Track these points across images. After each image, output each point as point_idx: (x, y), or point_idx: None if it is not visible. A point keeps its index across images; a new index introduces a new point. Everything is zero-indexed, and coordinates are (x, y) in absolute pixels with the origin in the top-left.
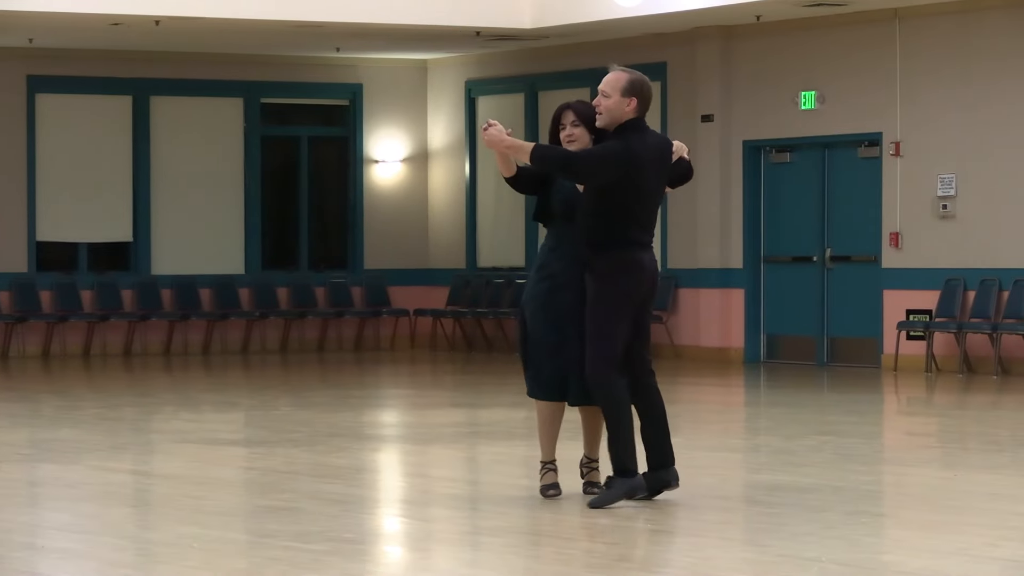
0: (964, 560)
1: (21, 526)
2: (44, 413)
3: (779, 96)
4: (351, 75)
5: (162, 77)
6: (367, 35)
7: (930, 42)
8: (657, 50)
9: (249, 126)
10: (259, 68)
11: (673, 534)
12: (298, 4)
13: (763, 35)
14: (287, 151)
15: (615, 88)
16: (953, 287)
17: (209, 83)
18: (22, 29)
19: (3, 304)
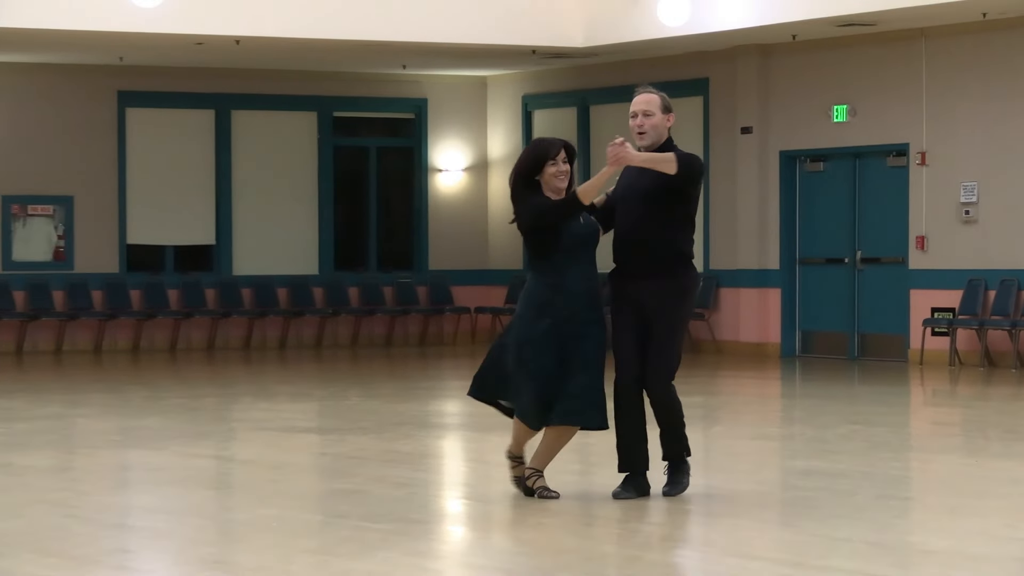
0: (984, 541)
1: (112, 507)
2: (133, 403)
3: (813, 109)
4: (416, 90)
5: (242, 92)
6: (431, 53)
7: (954, 59)
8: (699, 67)
9: (322, 137)
10: (331, 84)
11: (714, 516)
12: (368, 24)
13: (798, 53)
14: (357, 161)
15: (656, 106)
16: (975, 287)
17: (285, 98)
18: (113, 48)
19: (96, 302)
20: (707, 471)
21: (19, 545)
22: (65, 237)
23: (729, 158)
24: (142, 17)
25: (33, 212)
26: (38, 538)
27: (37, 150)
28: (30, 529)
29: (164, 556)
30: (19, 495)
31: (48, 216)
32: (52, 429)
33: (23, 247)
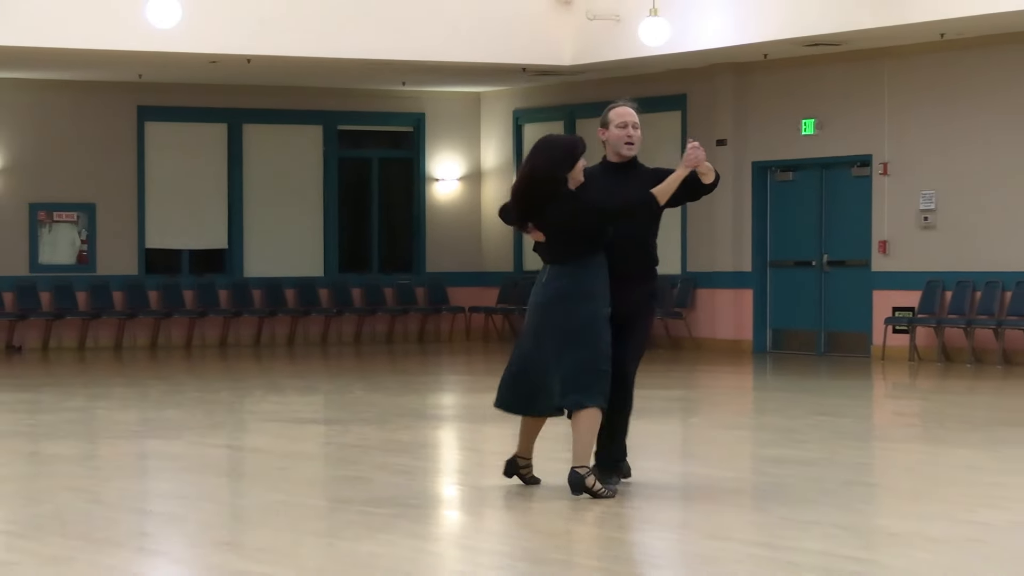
0: (944, 523)
1: (131, 493)
2: (151, 396)
3: (783, 123)
4: (415, 105)
5: (252, 107)
6: (429, 71)
7: (914, 77)
8: (678, 84)
9: (327, 149)
10: (336, 99)
11: (691, 500)
12: (370, 44)
13: (770, 71)
14: (360, 171)
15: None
16: (933, 288)
17: (293, 112)
18: (133, 66)
19: (116, 302)
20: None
21: (45, 528)
22: (88, 242)
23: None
24: (160, 37)
25: (58, 219)
26: (63, 522)
27: (62, 161)
28: (56, 513)
29: (180, 538)
30: (45, 482)
31: (72, 222)
32: (76, 420)
33: (49, 251)
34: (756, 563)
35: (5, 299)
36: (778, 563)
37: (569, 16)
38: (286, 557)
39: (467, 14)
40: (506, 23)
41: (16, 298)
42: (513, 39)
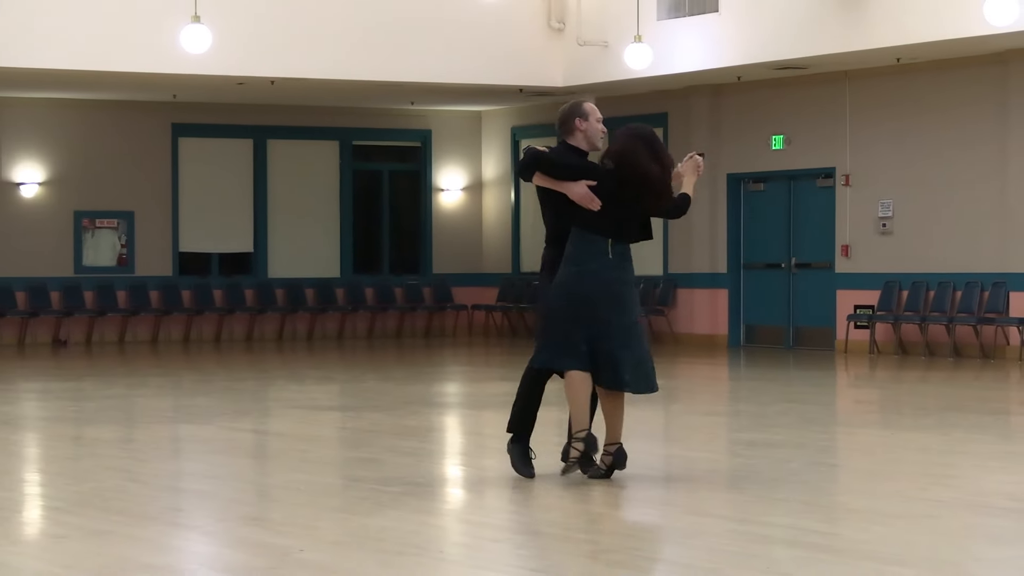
0: (899, 500)
1: (166, 472)
2: (184, 385)
3: (755, 139)
4: (422, 123)
5: (276, 124)
6: (435, 92)
7: (873, 97)
8: (660, 103)
9: (343, 162)
10: (351, 117)
11: (672, 480)
12: (382, 67)
13: (743, 92)
14: (372, 182)
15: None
16: (891, 287)
17: (312, 129)
18: (168, 87)
19: (153, 301)
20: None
21: (88, 504)
22: (127, 246)
23: None
24: (192, 61)
25: (100, 225)
26: (104, 498)
27: (104, 173)
28: (97, 491)
29: (210, 513)
30: (88, 462)
31: (113, 228)
32: (116, 407)
33: (92, 254)
34: (732, 536)
35: (52, 298)
36: (751, 536)
37: (561, 42)
38: (305, 530)
39: (469, 41)
40: (504, 49)
41: (62, 297)
42: (511, 63)
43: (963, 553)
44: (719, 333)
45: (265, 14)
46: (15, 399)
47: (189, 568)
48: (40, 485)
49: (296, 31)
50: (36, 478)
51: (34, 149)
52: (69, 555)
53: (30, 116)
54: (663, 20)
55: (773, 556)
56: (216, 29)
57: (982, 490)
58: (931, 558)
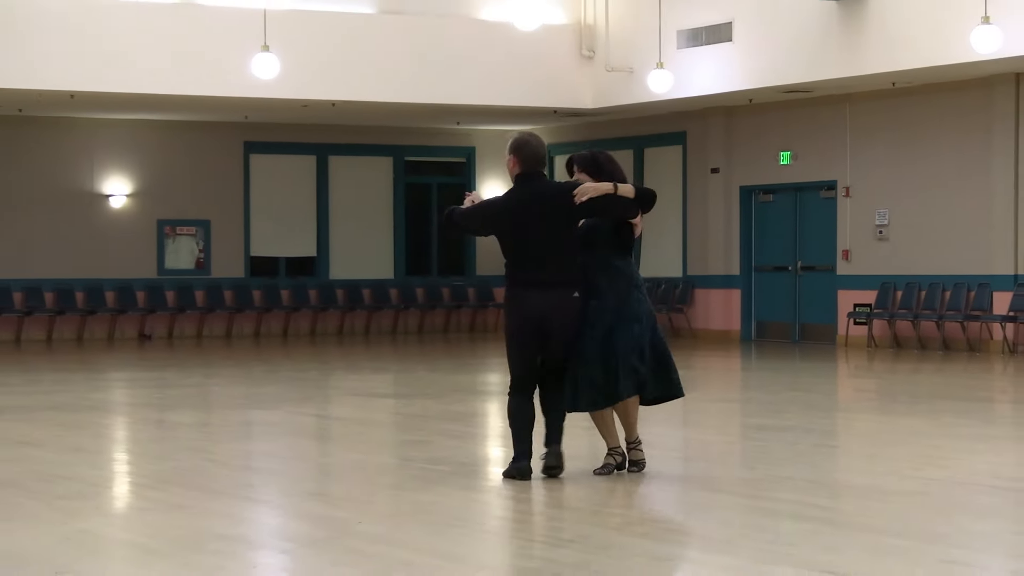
0: (894, 478)
1: (238, 453)
2: (254, 375)
3: (765, 154)
4: (467, 141)
5: (337, 142)
6: (478, 113)
7: (871, 117)
8: (680, 123)
9: (396, 176)
10: (404, 135)
11: (690, 459)
12: (431, 92)
13: (754, 112)
14: (422, 193)
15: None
16: (887, 288)
17: (369, 146)
18: (241, 109)
19: (227, 300)
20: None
21: (170, 481)
22: (204, 251)
23: (701, 191)
24: (262, 86)
25: (180, 232)
26: (184, 476)
27: (184, 185)
28: (178, 469)
29: (277, 489)
30: (170, 444)
31: (191, 235)
32: (194, 395)
33: (173, 258)
34: (743, 510)
35: (138, 297)
36: (760, 510)
37: (591, 68)
38: (362, 504)
39: (509, 67)
40: (541, 74)
41: (147, 296)
42: (546, 87)
43: (952, 526)
44: (733, 329)
45: (327, 44)
46: (105, 387)
47: (259, 538)
48: (127, 464)
49: (355, 59)
50: (124, 457)
51: (122, 164)
52: (152, 526)
53: (119, 135)
54: (683, 49)
55: (780, 529)
56: (283, 57)
57: (969, 470)
58: (923, 530)
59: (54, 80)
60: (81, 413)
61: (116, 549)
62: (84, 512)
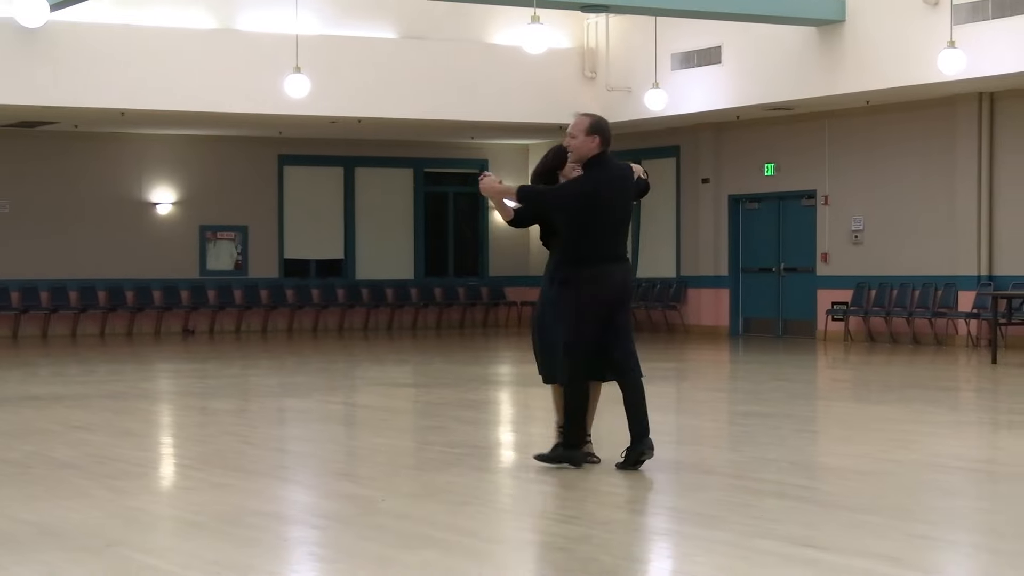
0: (867, 460)
1: (273, 437)
2: (286, 366)
3: (751, 166)
4: (480, 153)
5: (362, 155)
6: (491, 129)
7: (848, 132)
8: (673, 137)
9: (416, 186)
10: (423, 149)
11: (682, 444)
12: (448, 109)
13: (741, 128)
14: (440, 202)
15: (580, 129)
16: (862, 288)
17: (391, 159)
18: (275, 126)
19: (263, 298)
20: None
21: (211, 463)
22: (242, 253)
23: (693, 199)
24: (295, 104)
25: (220, 237)
26: (224, 458)
27: (224, 194)
28: (218, 452)
29: (309, 470)
30: (211, 429)
31: (231, 240)
32: (233, 384)
33: (214, 260)
34: (730, 489)
35: (182, 295)
36: (746, 489)
37: (593, 88)
38: (386, 484)
39: (519, 87)
40: (547, 93)
41: (190, 295)
42: (552, 105)
43: (919, 504)
44: (721, 325)
45: (354, 66)
46: (152, 377)
47: (292, 514)
48: (172, 447)
49: (379, 79)
50: (169, 441)
51: (168, 175)
52: (195, 503)
53: (165, 149)
54: (676, 70)
55: (764, 506)
56: (314, 78)
57: (935, 452)
58: (894, 507)
59: (106, 99)
60: (131, 400)
61: (162, 524)
62: (133, 490)
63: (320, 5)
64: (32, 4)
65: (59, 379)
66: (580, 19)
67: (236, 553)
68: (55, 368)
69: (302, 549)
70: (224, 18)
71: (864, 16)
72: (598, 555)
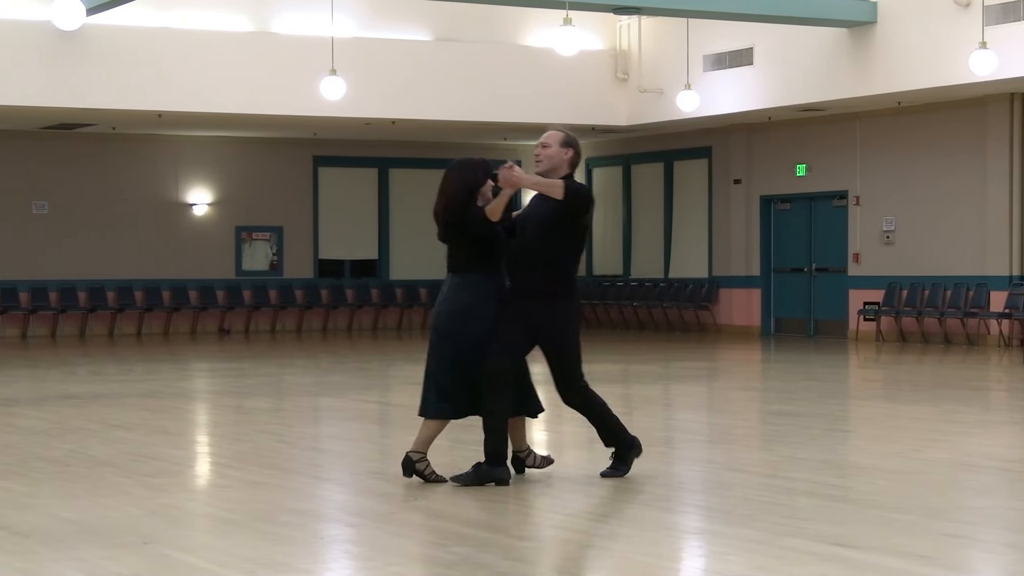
0: (898, 459)
1: (308, 435)
2: (321, 365)
3: (782, 167)
4: (513, 155)
5: (396, 156)
6: (523, 130)
7: (878, 133)
8: (705, 139)
9: None
10: (457, 150)
11: (714, 442)
12: (481, 110)
13: (773, 128)
14: None
15: (554, 140)
16: (893, 288)
17: (425, 160)
18: (310, 127)
19: (298, 298)
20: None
21: (247, 461)
22: (277, 254)
23: (725, 200)
24: (330, 106)
25: (256, 237)
26: (260, 456)
27: (259, 195)
28: (255, 450)
29: (343, 468)
30: (247, 427)
31: (266, 240)
32: (268, 383)
33: (249, 260)
34: (762, 488)
35: (218, 295)
36: (778, 488)
37: (625, 90)
38: (420, 482)
39: (552, 89)
40: (580, 95)
41: (226, 295)
42: (585, 106)
43: (951, 503)
44: (753, 324)
45: (388, 68)
46: (188, 376)
47: (327, 512)
48: (208, 445)
49: (413, 81)
50: (205, 439)
51: (204, 177)
52: (231, 502)
53: (201, 150)
54: (708, 72)
55: (796, 504)
56: (349, 80)
57: (965, 451)
58: (925, 506)
59: (144, 101)
60: (167, 399)
61: (197, 521)
62: (169, 488)
63: (355, 7)
64: (69, 7)
65: (97, 378)
66: (612, 21)
67: (271, 551)
68: (93, 367)
69: (336, 547)
70: (260, 21)
71: (895, 17)
72: (630, 553)
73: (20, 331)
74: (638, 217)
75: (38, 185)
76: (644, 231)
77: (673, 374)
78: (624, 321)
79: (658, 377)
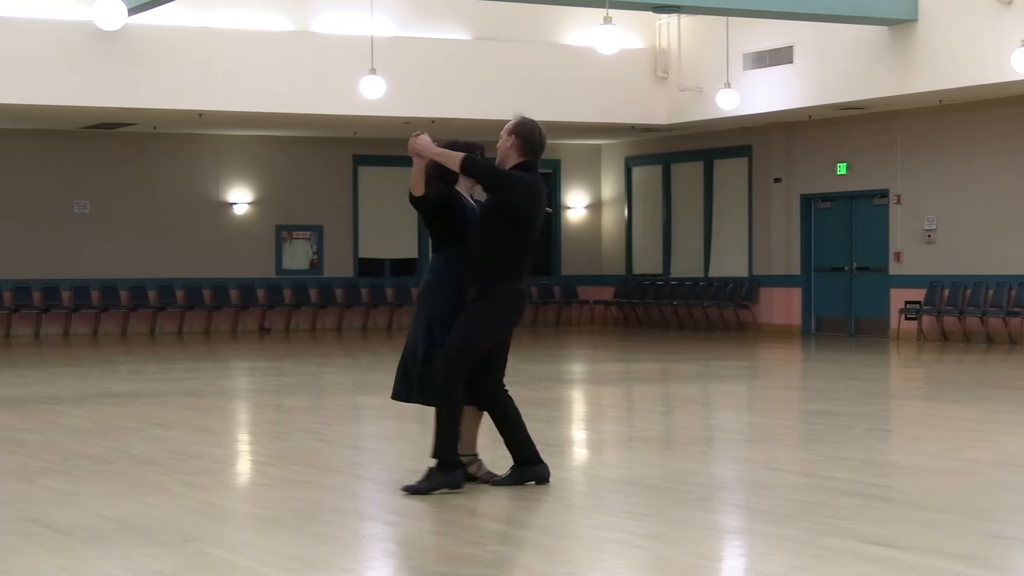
0: (939, 459)
1: (347, 434)
2: (361, 364)
3: (823, 165)
4: (553, 154)
5: None
6: (563, 129)
7: (919, 131)
8: (745, 137)
9: None
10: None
11: (754, 442)
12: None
13: (813, 127)
14: None
15: (505, 131)
16: (935, 287)
17: None
18: (350, 126)
19: (338, 297)
20: (750, 411)
21: (286, 459)
22: (317, 253)
23: (765, 199)
24: (370, 105)
25: (296, 236)
26: (299, 454)
27: (300, 194)
28: (294, 448)
29: (382, 466)
30: (286, 426)
31: (306, 239)
32: (308, 382)
33: (289, 259)
34: (803, 488)
35: (259, 294)
36: (819, 488)
37: (665, 88)
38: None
39: (592, 88)
40: (620, 94)
41: (266, 293)
42: (625, 105)
43: (993, 502)
44: (794, 324)
45: (427, 67)
46: (229, 375)
47: (366, 510)
48: (248, 444)
49: (452, 80)
50: (245, 438)
51: (244, 176)
52: (271, 499)
53: (242, 150)
54: (748, 70)
55: (837, 504)
56: (388, 80)
57: (1008, 451)
58: (966, 506)
59: (185, 101)
60: (208, 398)
61: (238, 519)
62: (210, 486)
63: (394, 7)
64: (111, 8)
65: (138, 377)
66: (652, 20)
67: (312, 549)
68: (134, 366)
69: (376, 545)
70: (300, 20)
71: (936, 15)
72: (671, 553)
73: (62, 330)
74: (678, 216)
75: (79, 185)
76: (684, 230)
77: (713, 373)
78: (664, 320)
79: (698, 376)
